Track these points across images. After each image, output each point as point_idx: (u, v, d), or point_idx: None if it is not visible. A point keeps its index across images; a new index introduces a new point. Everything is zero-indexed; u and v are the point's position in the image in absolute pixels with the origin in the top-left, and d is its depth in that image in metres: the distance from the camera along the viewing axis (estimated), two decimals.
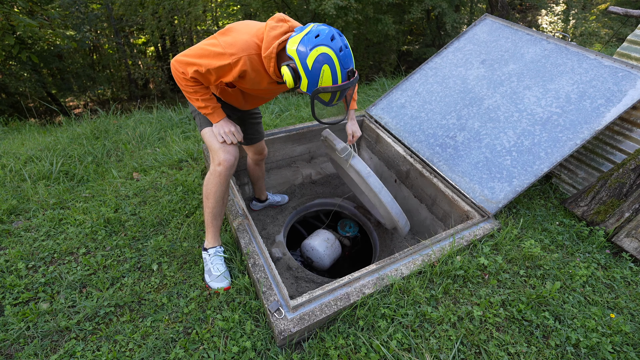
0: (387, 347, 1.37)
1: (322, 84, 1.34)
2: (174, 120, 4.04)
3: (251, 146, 2.14)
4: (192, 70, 1.43)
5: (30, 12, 6.66)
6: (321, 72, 1.30)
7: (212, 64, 1.39)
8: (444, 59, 2.82)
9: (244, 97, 1.76)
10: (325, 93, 1.36)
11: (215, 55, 1.39)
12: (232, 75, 1.43)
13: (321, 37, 1.28)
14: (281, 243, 2.33)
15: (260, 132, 2.11)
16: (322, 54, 1.28)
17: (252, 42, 1.40)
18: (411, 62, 11.50)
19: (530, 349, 1.40)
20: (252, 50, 1.40)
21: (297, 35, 1.32)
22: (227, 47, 1.37)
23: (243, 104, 1.81)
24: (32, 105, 8.50)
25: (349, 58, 1.33)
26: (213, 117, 1.63)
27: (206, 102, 1.57)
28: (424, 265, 1.67)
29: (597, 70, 2.14)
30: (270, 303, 1.43)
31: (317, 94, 1.37)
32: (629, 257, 1.85)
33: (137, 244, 1.91)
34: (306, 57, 1.29)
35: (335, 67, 1.30)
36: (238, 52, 1.38)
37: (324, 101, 1.41)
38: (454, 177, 2.20)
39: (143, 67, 12.53)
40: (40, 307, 1.54)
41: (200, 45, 1.43)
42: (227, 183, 1.67)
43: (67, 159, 2.79)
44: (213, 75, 1.44)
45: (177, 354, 1.36)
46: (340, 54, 1.30)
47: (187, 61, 1.44)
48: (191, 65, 1.43)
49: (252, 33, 1.42)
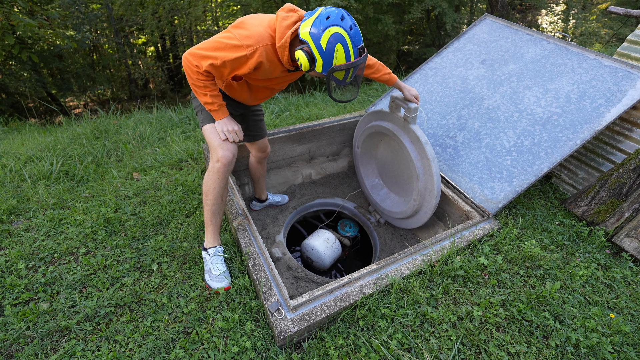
0: (387, 347, 1.37)
1: (337, 63, 1.39)
2: (174, 120, 4.04)
3: (254, 143, 2.16)
4: (206, 64, 1.45)
5: (30, 12, 6.66)
6: (335, 51, 1.36)
7: (228, 56, 1.42)
8: (444, 59, 2.82)
9: (250, 91, 1.78)
10: (340, 71, 1.42)
11: (231, 47, 1.42)
12: (247, 67, 1.46)
13: (332, 18, 1.34)
14: (281, 243, 2.33)
15: (263, 129, 2.13)
16: (335, 33, 1.34)
17: (266, 34, 1.44)
18: (411, 62, 11.49)
19: (530, 349, 1.40)
20: (267, 41, 1.44)
21: (308, 19, 1.38)
22: (243, 40, 1.41)
23: (248, 98, 1.83)
24: (32, 105, 8.50)
25: (358, 35, 1.40)
26: (217, 114, 1.65)
27: (213, 99, 1.59)
28: (424, 265, 1.67)
29: (597, 70, 2.14)
30: (270, 303, 1.43)
31: (332, 73, 1.42)
32: (629, 257, 1.85)
33: (137, 244, 1.91)
34: (320, 39, 1.35)
35: (347, 45, 1.36)
36: (254, 44, 1.42)
37: (338, 80, 1.46)
38: (454, 177, 2.20)
39: (143, 67, 12.53)
40: (40, 307, 1.54)
41: (214, 38, 1.46)
42: (225, 180, 1.68)
43: (67, 159, 2.79)
44: (227, 68, 1.47)
45: (177, 354, 1.36)
46: (350, 32, 1.36)
47: (201, 54, 1.45)
48: (206, 58, 1.45)
49: (264, 25, 1.46)
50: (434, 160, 2.01)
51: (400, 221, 2.47)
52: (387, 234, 2.60)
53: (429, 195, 2.08)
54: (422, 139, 2.02)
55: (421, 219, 2.23)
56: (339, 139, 2.95)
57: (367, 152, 2.64)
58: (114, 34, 11.07)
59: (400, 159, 2.37)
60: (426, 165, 2.05)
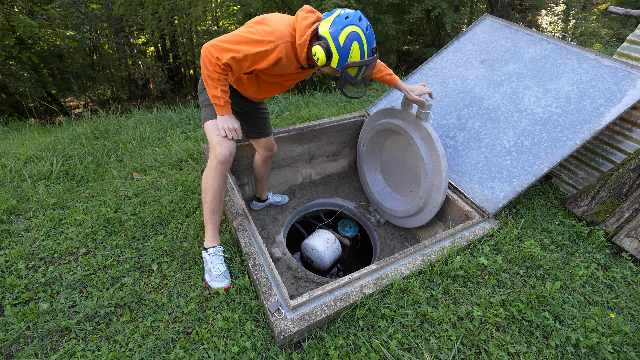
0: (387, 347, 1.37)
1: (351, 59, 1.49)
2: (174, 120, 4.04)
3: (260, 141, 2.18)
4: (228, 57, 1.49)
5: (30, 12, 6.65)
6: (351, 48, 1.46)
7: (250, 51, 1.47)
8: (444, 59, 2.82)
9: (258, 86, 1.80)
10: (353, 68, 1.52)
11: (254, 42, 1.47)
12: (267, 62, 1.52)
13: (350, 18, 1.45)
14: (281, 243, 2.33)
15: (268, 126, 2.16)
16: (352, 32, 1.44)
17: (286, 31, 1.52)
18: (411, 62, 11.49)
19: (530, 349, 1.40)
20: (287, 39, 1.52)
21: (328, 18, 1.49)
22: (265, 35, 1.48)
23: (255, 93, 1.85)
24: (32, 105, 8.51)
25: (372, 36, 1.50)
26: (221, 110, 1.67)
27: (222, 94, 1.62)
28: (424, 265, 1.67)
29: (597, 70, 2.14)
30: (270, 303, 1.43)
31: (346, 69, 1.52)
32: (629, 257, 1.85)
33: (137, 244, 1.91)
34: (338, 36, 1.45)
35: (363, 43, 1.47)
36: (276, 40, 1.48)
37: (350, 76, 1.55)
38: (454, 177, 2.20)
39: (143, 67, 12.52)
40: (40, 307, 1.54)
41: (237, 32, 1.52)
42: (223, 178, 1.70)
43: (67, 159, 2.79)
44: (248, 62, 1.52)
45: (177, 354, 1.36)
46: (366, 32, 1.47)
47: (224, 47, 1.49)
48: (228, 51, 1.48)
49: (285, 23, 1.55)
50: (444, 157, 2.04)
51: (402, 220, 2.47)
52: (387, 234, 2.60)
53: (436, 193, 2.09)
54: (433, 136, 2.04)
55: (425, 217, 2.23)
56: (339, 139, 2.95)
57: (372, 151, 2.66)
58: (114, 34, 11.07)
59: (407, 157, 2.38)
60: (435, 162, 2.06)
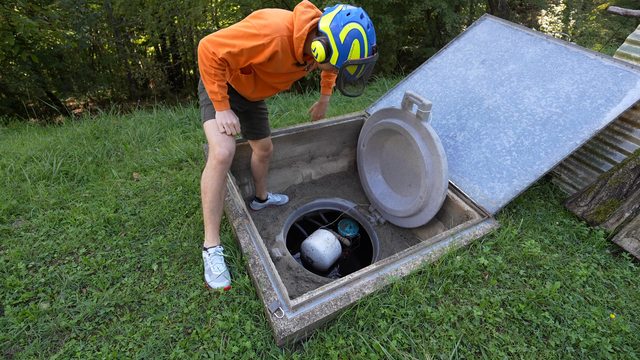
0: (387, 347, 1.37)
1: (351, 57, 1.47)
2: (174, 120, 4.04)
3: (257, 142, 2.18)
4: (224, 51, 1.48)
5: (30, 12, 6.65)
6: (352, 46, 1.44)
7: (246, 45, 1.47)
8: (444, 59, 2.82)
9: (256, 85, 1.80)
10: (352, 66, 1.50)
11: (249, 36, 1.47)
12: (263, 56, 1.51)
13: (352, 15, 1.43)
14: (281, 243, 2.33)
15: (267, 127, 2.16)
16: (353, 29, 1.42)
17: (283, 25, 1.51)
18: (411, 62, 11.49)
19: (530, 349, 1.40)
20: (283, 32, 1.50)
21: (329, 14, 1.47)
22: (261, 29, 1.47)
23: (253, 92, 1.85)
24: (32, 105, 8.51)
25: (373, 35, 1.48)
26: (219, 105, 1.67)
27: (219, 89, 1.62)
28: (424, 265, 1.67)
29: (597, 70, 2.14)
30: (270, 303, 1.43)
31: (346, 67, 1.50)
32: (629, 257, 1.85)
33: (137, 244, 1.91)
34: (339, 32, 1.43)
35: (363, 41, 1.45)
36: (272, 34, 1.47)
37: (349, 74, 1.54)
38: (454, 177, 2.20)
39: (143, 67, 12.52)
40: (40, 307, 1.54)
41: (233, 27, 1.51)
42: (222, 177, 1.70)
43: (67, 159, 2.79)
44: (244, 56, 1.51)
45: (177, 354, 1.36)
46: (368, 30, 1.45)
47: (220, 42, 1.49)
48: (224, 45, 1.48)
49: (282, 17, 1.54)
50: (444, 157, 2.03)
51: (402, 220, 2.47)
52: (387, 234, 2.60)
53: (436, 193, 2.09)
54: (433, 136, 2.05)
55: (425, 217, 2.23)
56: (339, 139, 2.95)
57: (372, 151, 2.66)
58: (114, 34, 11.07)
59: (408, 157, 2.38)
60: (436, 162, 2.06)
